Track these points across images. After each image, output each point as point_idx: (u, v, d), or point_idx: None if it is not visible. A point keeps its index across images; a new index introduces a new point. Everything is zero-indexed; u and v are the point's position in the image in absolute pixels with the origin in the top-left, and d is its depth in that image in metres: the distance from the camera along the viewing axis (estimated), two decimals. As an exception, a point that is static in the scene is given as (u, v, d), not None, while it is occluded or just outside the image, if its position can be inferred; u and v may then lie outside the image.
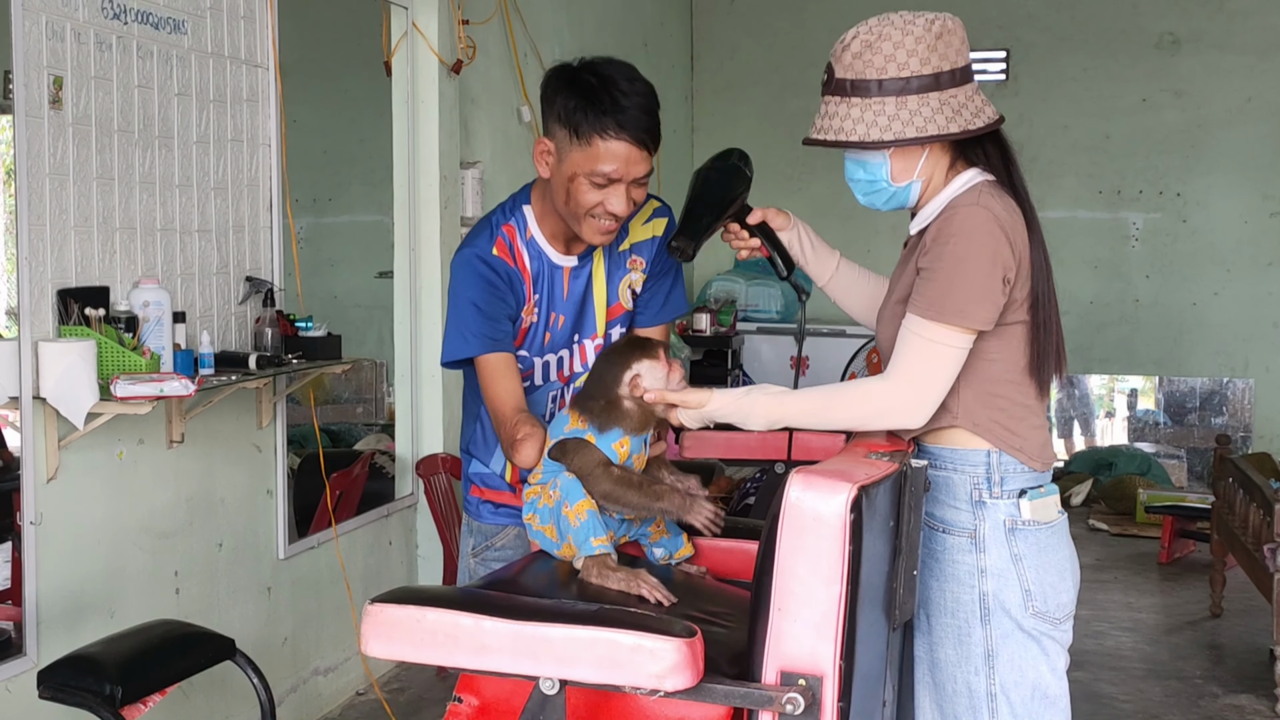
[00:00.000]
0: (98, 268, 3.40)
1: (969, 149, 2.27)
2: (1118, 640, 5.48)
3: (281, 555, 4.27)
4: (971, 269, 2.16)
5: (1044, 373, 2.26)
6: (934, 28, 2.18)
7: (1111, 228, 8.90)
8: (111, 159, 3.45)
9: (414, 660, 2.08)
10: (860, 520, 1.93)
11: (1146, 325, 8.87)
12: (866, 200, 2.34)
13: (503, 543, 2.72)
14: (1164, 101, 8.77)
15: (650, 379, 2.34)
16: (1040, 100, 8.94)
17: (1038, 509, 2.24)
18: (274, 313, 3.97)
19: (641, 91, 2.43)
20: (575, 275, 2.62)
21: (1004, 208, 2.20)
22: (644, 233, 2.69)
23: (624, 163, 2.41)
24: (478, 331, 2.50)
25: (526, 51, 6.12)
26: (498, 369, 2.50)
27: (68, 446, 3.29)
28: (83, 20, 3.34)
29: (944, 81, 2.17)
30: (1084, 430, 9.17)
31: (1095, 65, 8.86)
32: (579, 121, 2.40)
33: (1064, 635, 2.28)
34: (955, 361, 2.18)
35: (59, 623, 3.28)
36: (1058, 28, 8.91)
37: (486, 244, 2.56)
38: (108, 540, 3.49)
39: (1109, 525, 7.55)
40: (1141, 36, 8.78)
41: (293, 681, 4.34)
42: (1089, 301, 8.92)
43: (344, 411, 7.85)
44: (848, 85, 2.20)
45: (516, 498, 2.68)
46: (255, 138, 4.08)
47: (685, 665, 1.91)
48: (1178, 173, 8.77)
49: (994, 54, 9.03)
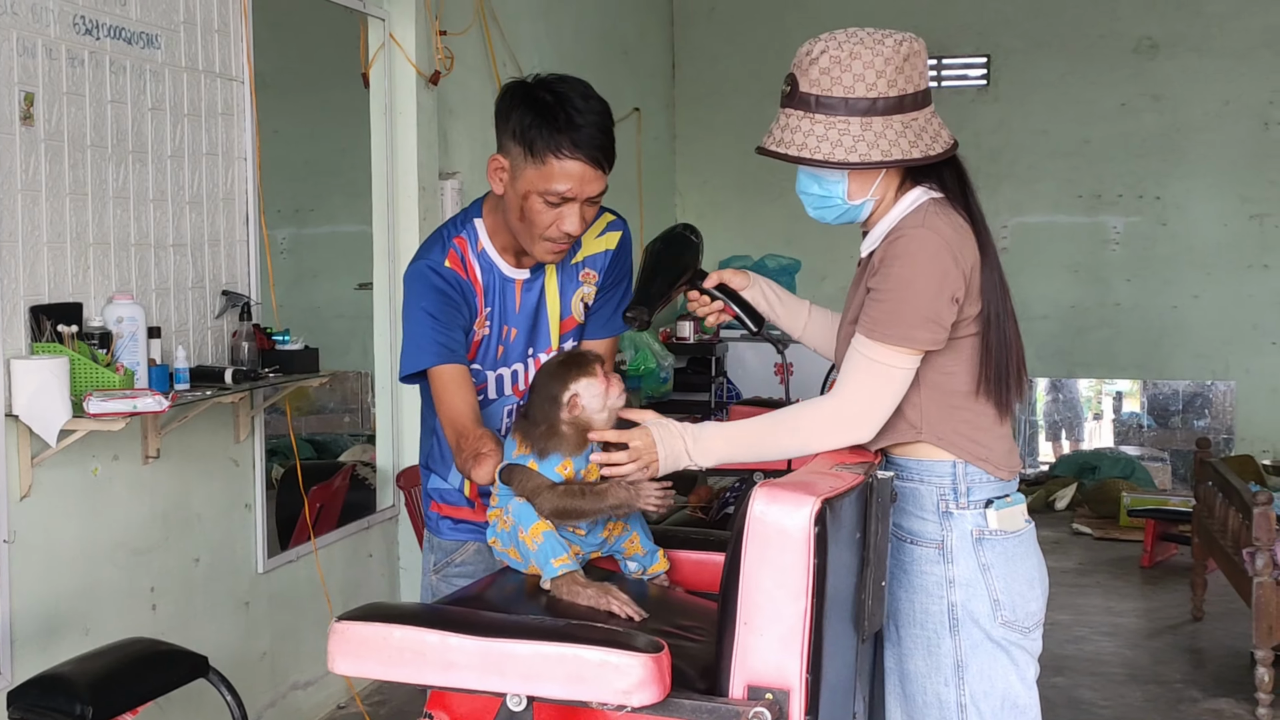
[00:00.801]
0: (71, 284, 3.39)
1: (919, 170, 2.27)
2: (1098, 645, 5.49)
3: (260, 569, 4.26)
4: (917, 292, 2.17)
5: (1001, 391, 2.27)
6: (902, 49, 2.19)
7: (1091, 231, 8.92)
8: (84, 174, 3.45)
9: (382, 678, 2.08)
10: (825, 533, 1.93)
11: (1127, 329, 8.89)
12: (816, 214, 2.35)
13: (463, 558, 2.72)
14: (1142, 105, 8.80)
15: (588, 397, 2.34)
16: (1019, 105, 8.98)
17: (1004, 518, 2.25)
18: (250, 326, 3.97)
19: (597, 110, 2.44)
20: (527, 288, 2.62)
21: (950, 226, 2.21)
22: (597, 245, 2.69)
23: (578, 181, 2.42)
24: (434, 340, 2.50)
25: (505, 61, 6.12)
26: (453, 380, 2.50)
27: (41, 464, 3.28)
28: (54, 36, 3.33)
29: (907, 104, 2.19)
30: (1068, 434, 9.19)
31: (1074, 70, 8.89)
32: (533, 139, 2.40)
33: (1033, 644, 2.29)
34: (900, 381, 2.20)
35: (33, 641, 3.27)
36: (1036, 33, 8.94)
37: (439, 256, 2.56)
38: (83, 557, 3.48)
39: (1092, 529, 7.57)
40: (1119, 41, 8.81)
41: (271, 696, 4.33)
42: (1070, 305, 8.95)
43: (329, 422, 7.84)
44: (812, 100, 2.20)
45: (475, 513, 2.68)
46: (231, 151, 4.08)
47: (652, 680, 1.92)
48: (1157, 176, 8.80)
49: (974, 60, 9.06)
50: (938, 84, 9.10)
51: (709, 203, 9.57)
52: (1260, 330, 8.66)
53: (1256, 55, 8.56)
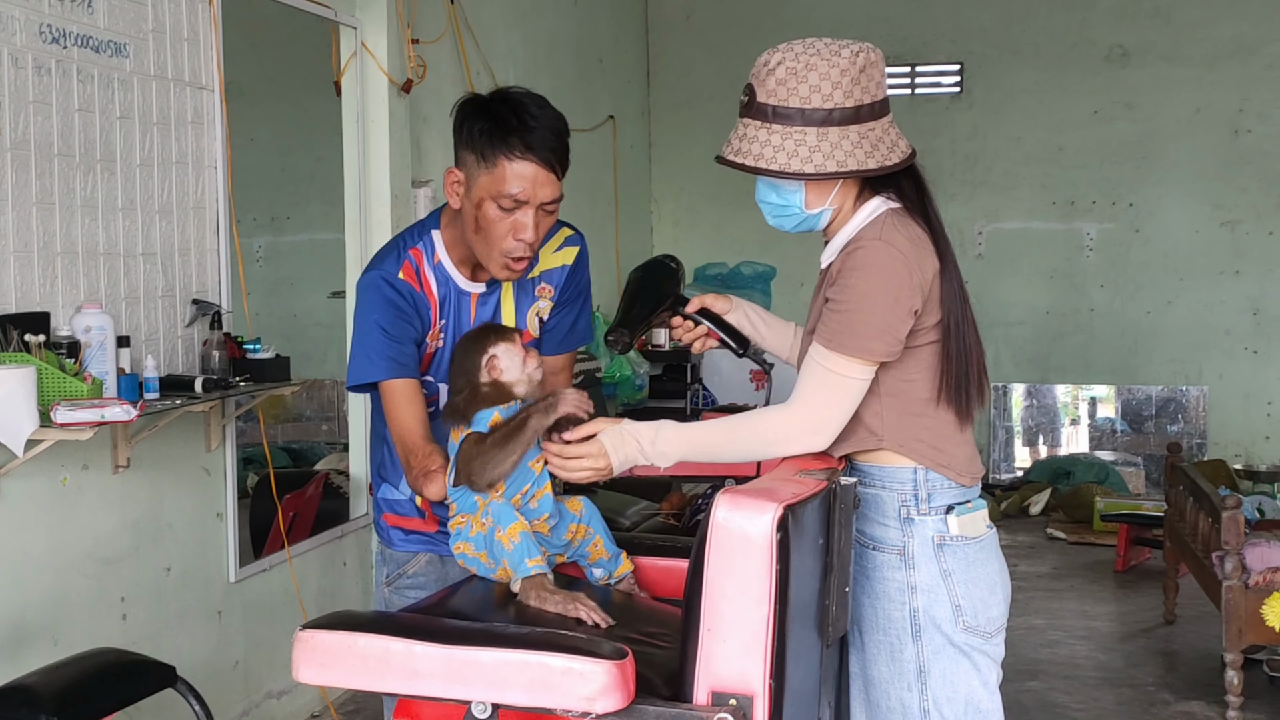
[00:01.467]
0: (39, 293, 3.39)
1: (878, 180, 2.29)
2: (1072, 649, 5.52)
3: (232, 578, 4.25)
4: (873, 304, 2.18)
5: (961, 400, 2.28)
6: (859, 60, 2.20)
7: (1066, 238, 8.97)
8: (52, 183, 3.44)
9: (347, 686, 2.08)
10: (787, 539, 1.94)
11: (1102, 334, 8.94)
12: (775, 222, 2.36)
13: (414, 569, 2.70)
14: (1115, 113, 8.85)
15: (506, 359, 2.40)
16: (994, 113, 9.02)
17: (965, 524, 2.26)
18: (221, 335, 3.96)
19: (551, 115, 2.45)
20: (483, 302, 2.62)
21: (908, 238, 2.22)
22: (554, 260, 2.69)
23: (531, 184, 2.41)
24: (383, 354, 2.50)
25: (479, 70, 6.13)
26: (404, 395, 2.50)
27: (8, 474, 3.27)
28: (20, 45, 3.32)
29: (864, 115, 2.20)
30: (1044, 439, 9.23)
31: (1047, 78, 8.93)
32: (485, 144, 2.41)
33: (995, 649, 2.30)
34: (856, 391, 2.22)
35: (1, 651, 3.25)
36: (1010, 41, 8.99)
37: (393, 267, 2.56)
38: (51, 567, 3.46)
39: (1066, 534, 7.61)
40: (1092, 49, 8.87)
41: (244, 705, 4.32)
42: (1045, 311, 9.00)
43: (306, 430, 7.82)
44: (769, 111, 2.22)
45: (426, 524, 2.68)
46: (201, 160, 4.07)
47: (615, 687, 1.92)
48: (1130, 183, 8.85)
49: (947, 67, 9.11)
50: (911, 91, 9.15)
51: (685, 210, 9.59)
52: (1232, 336, 8.72)
53: (1226, 64, 8.62)
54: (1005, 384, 9.08)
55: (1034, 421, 9.23)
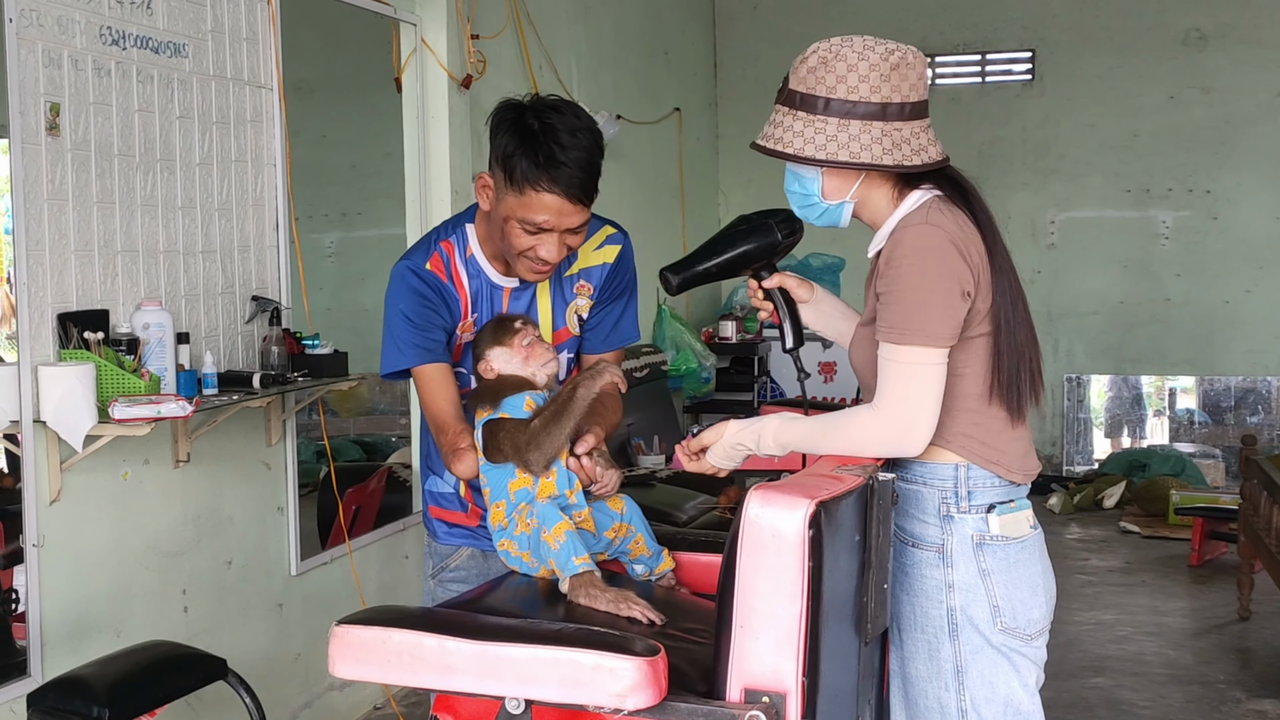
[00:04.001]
0: (99, 291, 3.44)
1: (915, 180, 2.25)
2: (1141, 645, 5.42)
3: (293, 571, 4.31)
4: (929, 288, 2.15)
5: (1013, 397, 2.23)
6: (891, 59, 2.18)
7: (1140, 226, 8.81)
8: (112, 183, 3.49)
9: (381, 681, 2.10)
10: (820, 536, 1.92)
11: (1178, 324, 8.77)
12: (801, 213, 2.36)
13: (457, 564, 2.73)
14: (1191, 98, 8.68)
15: (501, 363, 2.47)
16: (1066, 100, 8.88)
17: (1007, 524, 2.22)
18: (280, 331, 4.00)
19: (583, 145, 2.41)
20: (516, 297, 2.63)
21: (954, 222, 2.19)
22: (594, 259, 2.68)
23: (556, 214, 2.42)
24: (410, 342, 2.53)
25: (541, 63, 6.14)
26: (434, 379, 2.53)
27: (70, 469, 3.33)
28: (80, 47, 3.38)
29: (890, 113, 2.18)
30: (1123, 431, 9.08)
31: (1121, 63, 8.78)
32: (514, 168, 2.41)
33: (1036, 652, 2.26)
34: (935, 380, 2.16)
35: (64, 644, 3.32)
36: (1083, 26, 8.84)
37: (421, 258, 2.59)
38: (113, 560, 3.53)
39: (1140, 527, 7.48)
40: (1167, 33, 8.69)
41: (306, 697, 4.37)
42: (1119, 301, 8.85)
43: (380, 423, 7.88)
44: (796, 98, 2.21)
45: (469, 517, 2.70)
46: (260, 157, 4.12)
47: (646, 684, 1.92)
48: (1207, 170, 8.68)
49: (1019, 54, 8.98)
50: (981, 80, 9.04)
51: (753, 201, 9.46)
52: (1314, 325, 8.52)
53: (1307, 45, 8.43)
54: (1078, 375, 8.95)
55: (1113, 412, 9.09)
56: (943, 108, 9.02)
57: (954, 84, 9.09)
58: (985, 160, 8.92)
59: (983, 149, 8.91)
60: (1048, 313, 8.86)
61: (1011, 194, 8.85)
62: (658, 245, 8.08)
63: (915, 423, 2.16)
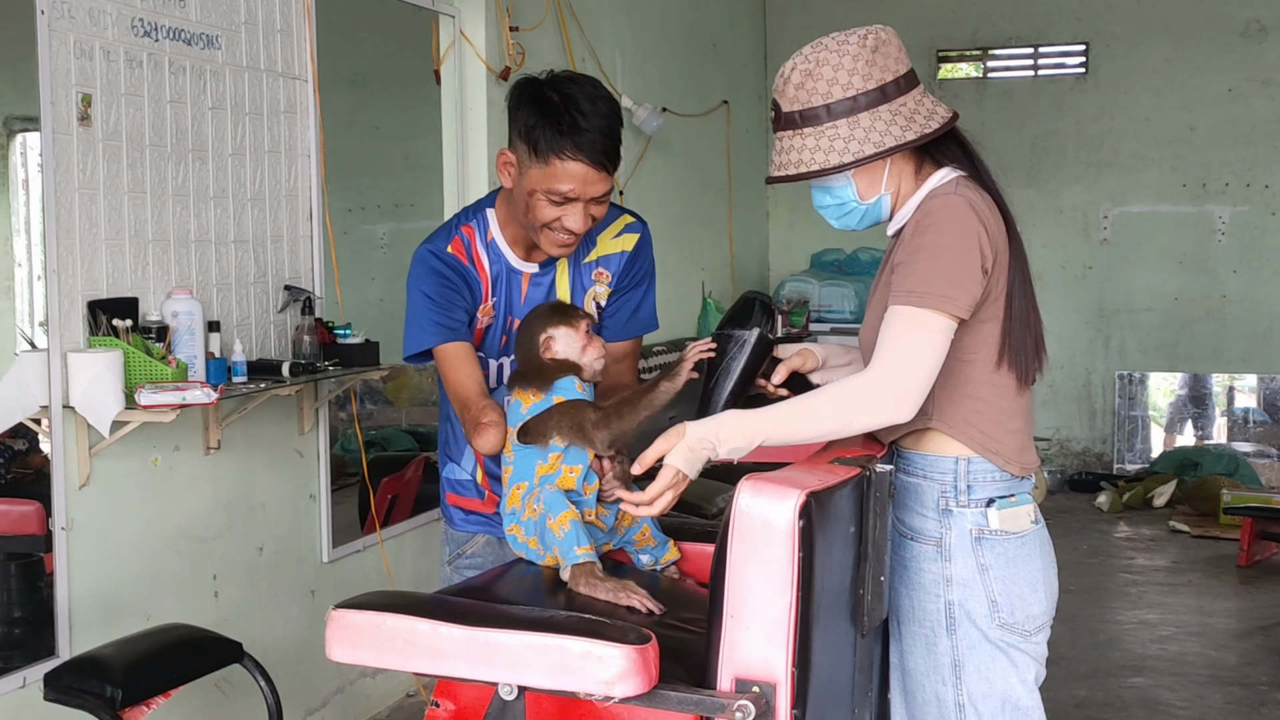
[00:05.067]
0: (129, 279, 3.49)
1: (934, 151, 2.25)
2: (1183, 645, 5.35)
3: (325, 559, 4.35)
4: (950, 256, 2.13)
5: (1020, 365, 2.21)
6: (868, 42, 2.19)
7: (1197, 222, 8.67)
8: (143, 173, 3.54)
9: (375, 665, 2.12)
10: (811, 526, 1.92)
11: (1234, 321, 8.62)
12: (841, 224, 2.32)
13: (473, 550, 2.75)
14: (1251, 91, 8.52)
15: (562, 344, 2.44)
16: (1121, 93, 8.75)
17: (1006, 518, 2.20)
18: (312, 320, 4.04)
19: (603, 112, 2.43)
20: (536, 282, 2.64)
21: (980, 198, 2.19)
22: (613, 246, 2.69)
23: (581, 183, 2.43)
24: (432, 321, 2.55)
25: (584, 55, 6.14)
26: (458, 357, 2.54)
27: (100, 454, 3.38)
28: (112, 39, 3.42)
29: (889, 92, 2.17)
30: (1173, 429, 8.95)
31: (1178, 56, 8.64)
32: (537, 140, 2.42)
33: (1035, 647, 2.23)
34: (939, 348, 2.11)
35: (93, 626, 3.37)
36: (1138, 18, 8.71)
37: (442, 242, 2.61)
38: (143, 545, 3.58)
39: (1190, 527, 7.36)
40: (1226, 25, 8.54)
41: (338, 684, 4.41)
42: (1174, 298, 8.71)
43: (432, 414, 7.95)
44: (797, 117, 2.20)
45: (485, 504, 2.71)
46: (294, 149, 4.15)
47: (635, 671, 1.92)
48: (1266, 164, 8.52)
49: (1072, 47, 8.86)
50: (1034, 73, 8.94)
51: (802, 196, 9.40)
52: (1374, 323, 8.35)
53: (1370, 37, 8.26)
54: (1130, 371, 8.82)
55: (1166, 410, 8.96)
56: (995, 101, 8.94)
57: (1006, 77, 8.99)
58: (1038, 154, 8.82)
59: (1035, 142, 8.82)
60: (1099, 309, 8.75)
61: (1064, 188, 8.74)
62: (704, 239, 8.07)
63: (910, 386, 2.10)
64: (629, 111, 6.62)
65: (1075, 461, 8.82)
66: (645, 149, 6.91)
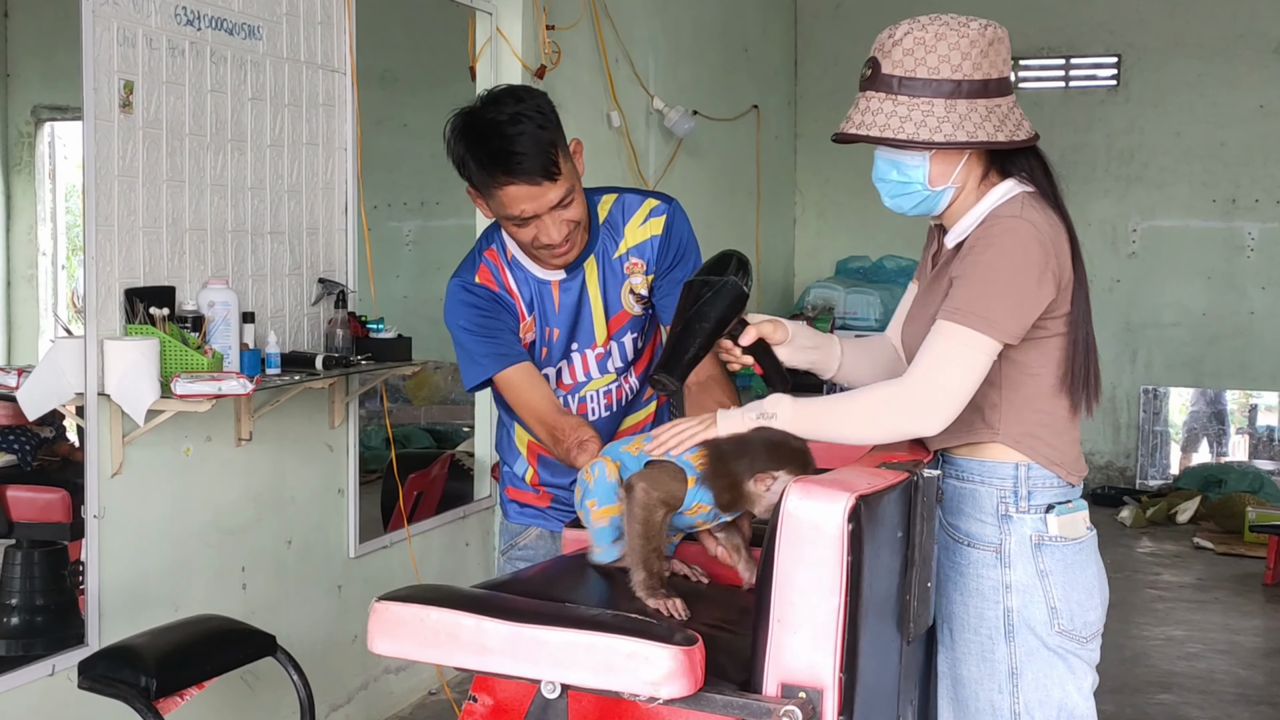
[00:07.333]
0: (166, 268, 3.48)
1: (1006, 161, 2.22)
2: (1211, 663, 5.30)
3: (353, 554, 4.33)
4: (1008, 281, 2.10)
5: (1077, 392, 2.20)
6: (987, 33, 2.14)
7: (1226, 237, 8.62)
8: (182, 162, 3.53)
9: (418, 659, 2.10)
10: (860, 530, 1.89)
11: (1262, 338, 8.56)
12: (893, 203, 2.27)
13: (525, 542, 2.79)
14: (1283, 108, 8.48)
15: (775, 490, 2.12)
16: (1152, 107, 8.71)
17: (1065, 524, 2.18)
18: (345, 314, 4.03)
19: (525, 128, 2.36)
20: (565, 288, 2.62)
21: (1047, 221, 2.15)
22: (641, 234, 2.67)
23: (530, 201, 2.41)
24: (483, 353, 2.54)
25: (618, 56, 6.13)
26: (521, 380, 2.53)
27: (133, 442, 3.37)
28: (155, 27, 3.42)
29: (991, 89, 2.14)
30: (1199, 445, 8.90)
31: (1210, 71, 8.59)
32: (471, 175, 2.45)
33: (1090, 654, 2.22)
34: (979, 369, 2.10)
35: (122, 615, 3.36)
36: (1171, 33, 8.66)
37: (470, 273, 2.61)
38: (173, 535, 3.57)
39: (1215, 544, 7.31)
40: (1260, 41, 8.49)
41: (363, 679, 4.40)
42: (1201, 313, 8.66)
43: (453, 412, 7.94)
44: (895, 82, 2.13)
45: (538, 499, 2.74)
46: (331, 141, 4.15)
47: (682, 673, 1.90)
48: (1297, 181, 8.48)
49: (1104, 60, 8.82)
50: (1065, 84, 8.90)
51: (829, 202, 9.46)
52: (1403, 343, 8.29)
53: (1406, 55, 8.19)
54: (1155, 386, 8.77)
55: (1191, 426, 8.90)
56: (1025, 111, 8.82)
57: (1037, 88, 8.94)
58: (1067, 166, 8.72)
59: (1065, 154, 8.75)
60: (1126, 323, 8.70)
61: (1093, 201, 8.69)
62: (731, 243, 8.01)
63: (941, 402, 2.08)
64: (660, 114, 6.61)
65: (1098, 475, 8.77)
66: (676, 151, 6.90)
